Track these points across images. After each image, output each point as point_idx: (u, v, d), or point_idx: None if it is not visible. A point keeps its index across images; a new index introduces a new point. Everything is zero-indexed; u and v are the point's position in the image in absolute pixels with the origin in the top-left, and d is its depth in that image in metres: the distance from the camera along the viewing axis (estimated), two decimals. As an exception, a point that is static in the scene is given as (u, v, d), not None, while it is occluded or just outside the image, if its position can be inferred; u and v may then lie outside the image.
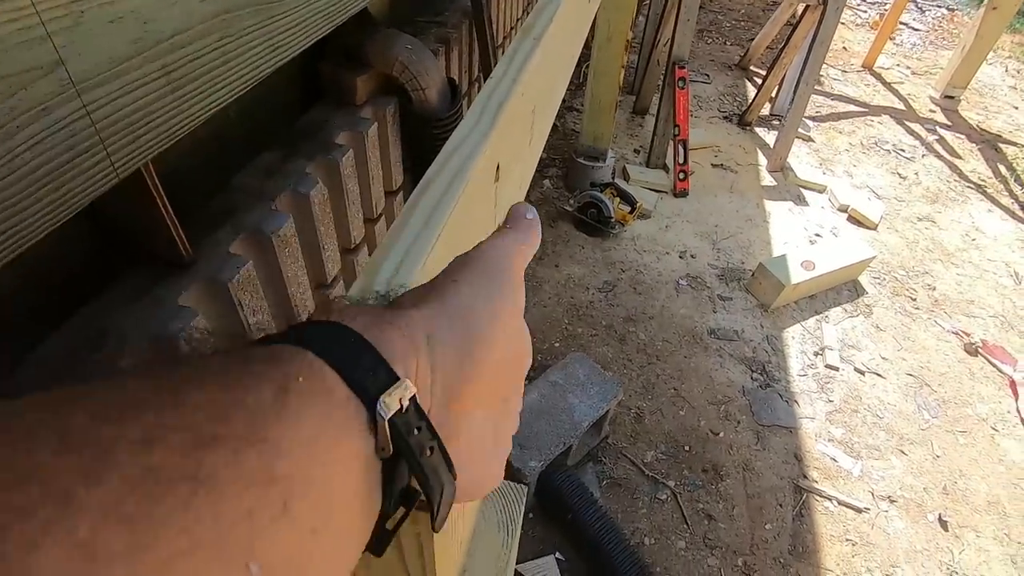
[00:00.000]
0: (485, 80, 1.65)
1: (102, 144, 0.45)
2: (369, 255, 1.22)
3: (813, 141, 3.38)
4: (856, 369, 2.09)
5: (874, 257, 2.44)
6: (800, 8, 2.89)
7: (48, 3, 0.38)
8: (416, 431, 0.20)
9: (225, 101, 0.59)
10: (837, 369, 2.08)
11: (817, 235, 2.69)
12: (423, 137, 1.21)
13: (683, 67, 2.64)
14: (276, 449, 0.15)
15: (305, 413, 0.16)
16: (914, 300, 2.43)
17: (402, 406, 0.19)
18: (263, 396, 0.15)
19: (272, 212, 0.85)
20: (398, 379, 0.19)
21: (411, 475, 0.20)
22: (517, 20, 1.86)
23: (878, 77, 4.25)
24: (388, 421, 0.18)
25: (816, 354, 2.13)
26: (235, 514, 0.13)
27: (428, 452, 0.20)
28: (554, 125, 3.15)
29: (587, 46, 2.35)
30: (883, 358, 2.15)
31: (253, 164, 0.93)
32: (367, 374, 0.18)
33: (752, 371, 2.03)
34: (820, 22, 2.66)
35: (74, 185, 0.43)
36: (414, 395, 0.19)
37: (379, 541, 0.20)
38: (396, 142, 1.24)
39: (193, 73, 0.53)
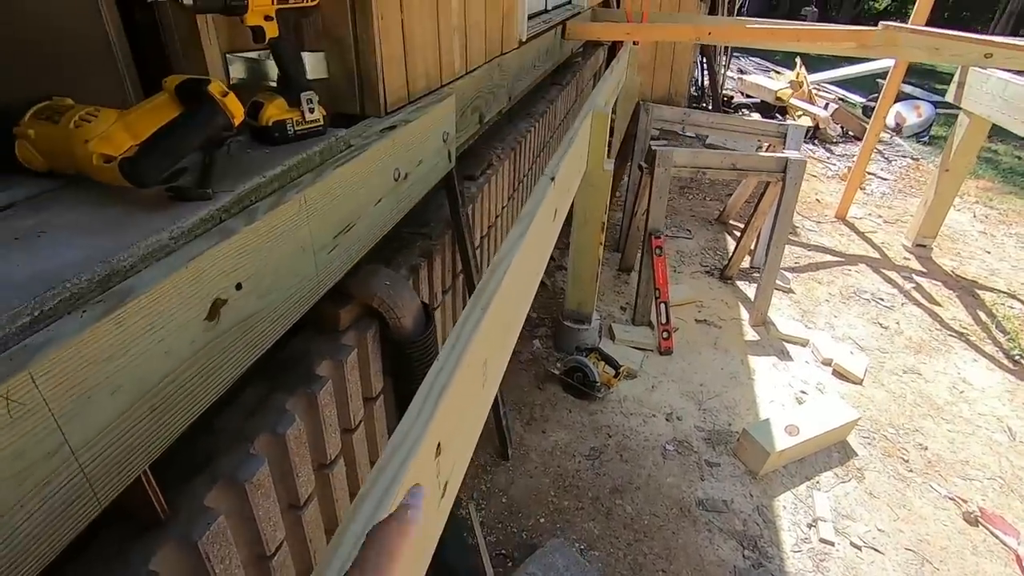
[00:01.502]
0: (464, 275, 1.81)
1: (91, 488, 0.55)
2: (344, 467, 1.30)
3: (793, 292, 3.55)
4: (852, 544, 2.03)
5: (859, 419, 2.47)
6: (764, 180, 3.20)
7: (59, 401, 0.50)
8: None
9: (205, 407, 0.70)
10: (832, 544, 2.02)
11: (803, 392, 2.73)
12: (399, 355, 1.32)
13: (659, 237, 2.87)
14: None
15: None
16: (907, 461, 2.41)
17: None
18: None
19: (249, 457, 0.94)
20: None
21: None
22: (496, 216, 2.10)
23: (851, 227, 4.53)
24: None
25: (809, 526, 2.08)
26: None
27: None
28: (543, 283, 3.36)
29: (568, 221, 2.60)
30: (880, 530, 2.09)
31: (237, 401, 1.04)
32: None
33: (744, 547, 1.98)
34: (781, 194, 2.94)
35: (62, 529, 0.53)
36: None
37: None
38: (376, 356, 1.36)
39: (176, 398, 0.65)
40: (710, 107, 6.56)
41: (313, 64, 1.03)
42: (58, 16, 0.79)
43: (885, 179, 5.67)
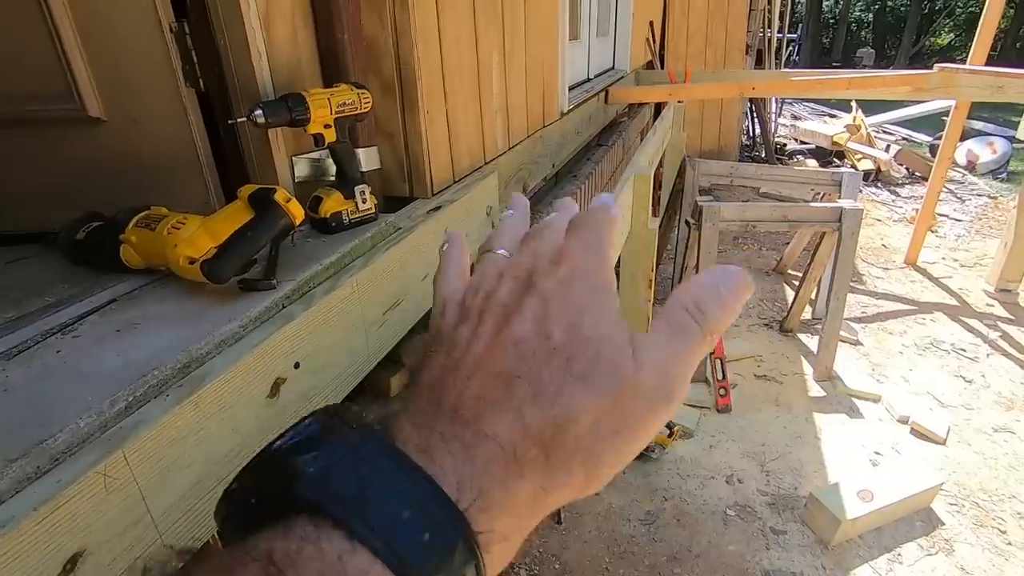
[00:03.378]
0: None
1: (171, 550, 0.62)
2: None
3: (862, 345, 3.37)
4: (944, 626, 1.84)
5: (943, 483, 2.28)
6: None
7: (144, 475, 0.58)
8: None
9: (265, 475, 0.78)
10: (920, 626, 1.84)
11: (877, 453, 2.56)
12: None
13: (710, 291, 2.84)
14: None
15: None
16: (1004, 533, 2.18)
17: None
18: None
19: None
20: None
21: None
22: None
23: (924, 272, 4.29)
24: None
25: (892, 604, 1.91)
26: None
27: None
28: (596, 340, 3.36)
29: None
30: (976, 612, 1.89)
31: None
32: None
33: (817, 626, 1.84)
34: (838, 245, 2.86)
35: (140, 592, 0.60)
36: None
37: None
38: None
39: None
40: (763, 155, 6.51)
41: (367, 158, 1.16)
42: (159, 140, 0.94)
43: (959, 220, 5.37)
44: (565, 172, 3.07)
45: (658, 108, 4.24)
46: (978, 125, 7.78)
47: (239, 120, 0.87)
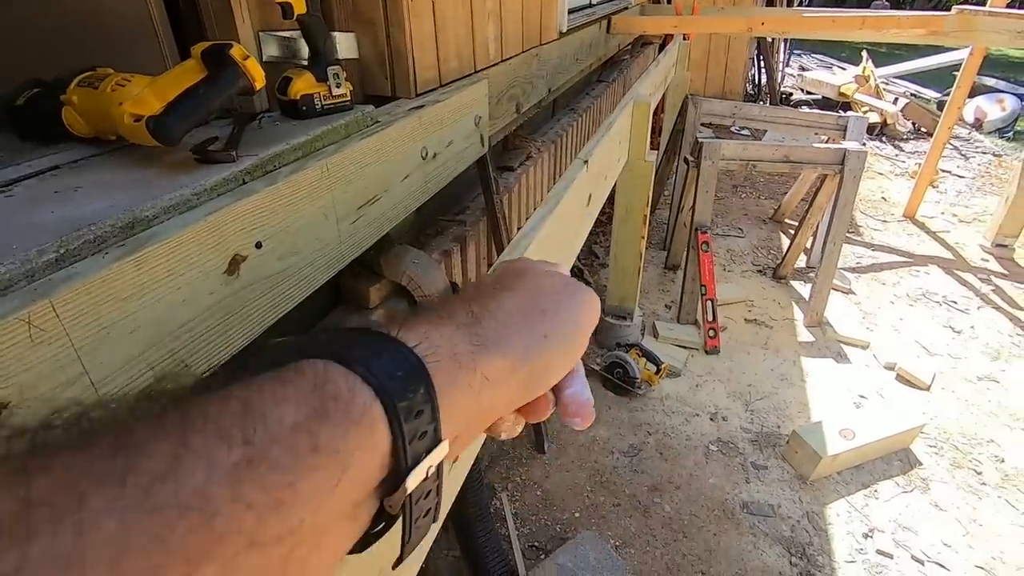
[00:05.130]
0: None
1: (109, 422, 0.58)
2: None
3: (854, 294, 3.35)
4: (914, 557, 1.88)
5: (924, 424, 2.29)
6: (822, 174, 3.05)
7: (79, 332, 0.53)
8: (426, 495, 0.25)
9: (223, 359, 0.73)
10: (891, 556, 1.88)
11: (862, 396, 2.57)
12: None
13: (705, 232, 2.79)
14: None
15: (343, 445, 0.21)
16: (979, 474, 2.21)
17: (427, 475, 0.24)
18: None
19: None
20: (440, 441, 0.24)
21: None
22: (535, 207, 2.09)
23: (922, 226, 4.25)
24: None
25: (865, 536, 1.95)
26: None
27: (424, 515, 0.26)
28: (586, 280, 3.32)
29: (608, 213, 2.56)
30: (945, 545, 1.93)
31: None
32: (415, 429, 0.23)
33: (791, 554, 1.87)
34: (839, 188, 2.79)
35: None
36: (440, 462, 0.25)
37: (361, 545, 0.25)
38: (406, 335, 1.37)
39: (195, 346, 0.67)
40: (768, 104, 6.32)
41: (344, 44, 1.07)
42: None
43: (962, 177, 5.28)
44: (563, 104, 2.95)
45: (662, 48, 4.06)
46: (989, 82, 7.56)
47: (194, -25, 0.78)
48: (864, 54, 6.98)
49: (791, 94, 7.06)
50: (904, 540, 1.94)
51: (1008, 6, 3.75)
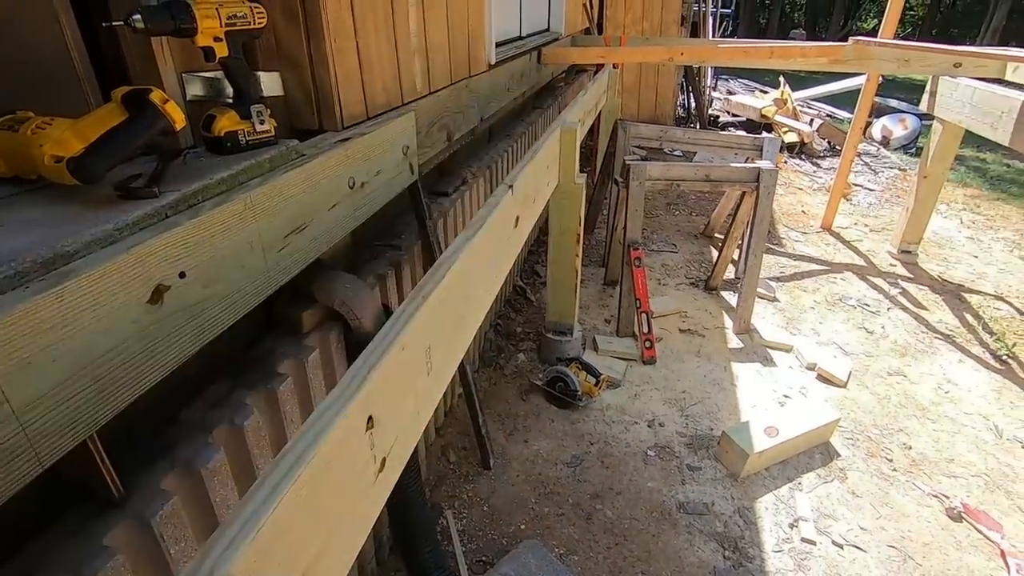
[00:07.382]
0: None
1: (32, 448, 0.61)
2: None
3: (778, 301, 3.59)
4: (834, 542, 2.03)
5: (839, 419, 2.48)
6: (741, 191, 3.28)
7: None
8: None
9: (152, 383, 0.76)
10: (814, 543, 2.02)
11: (786, 396, 2.75)
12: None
13: (637, 248, 2.94)
14: None
15: None
16: (890, 461, 2.41)
17: None
18: None
19: (206, 446, 0.99)
20: None
21: None
22: (471, 231, 2.16)
23: (837, 236, 4.59)
24: None
25: (791, 526, 2.09)
26: None
27: None
28: (528, 299, 3.42)
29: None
30: (862, 528, 2.09)
31: (203, 396, 1.10)
32: None
33: (724, 548, 1.98)
34: (756, 204, 3.01)
35: (1, 483, 0.58)
36: None
37: None
38: (343, 358, 1.42)
39: (120, 372, 0.71)
40: (697, 126, 6.70)
41: (268, 83, 1.12)
42: (30, 45, 0.88)
43: (872, 190, 5.74)
44: (500, 131, 3.07)
45: (595, 76, 4.28)
46: (893, 103, 8.28)
47: (115, 23, 0.82)
48: (781, 79, 7.53)
49: (719, 117, 7.51)
50: (826, 527, 2.09)
51: (923, 30, 4.16)
